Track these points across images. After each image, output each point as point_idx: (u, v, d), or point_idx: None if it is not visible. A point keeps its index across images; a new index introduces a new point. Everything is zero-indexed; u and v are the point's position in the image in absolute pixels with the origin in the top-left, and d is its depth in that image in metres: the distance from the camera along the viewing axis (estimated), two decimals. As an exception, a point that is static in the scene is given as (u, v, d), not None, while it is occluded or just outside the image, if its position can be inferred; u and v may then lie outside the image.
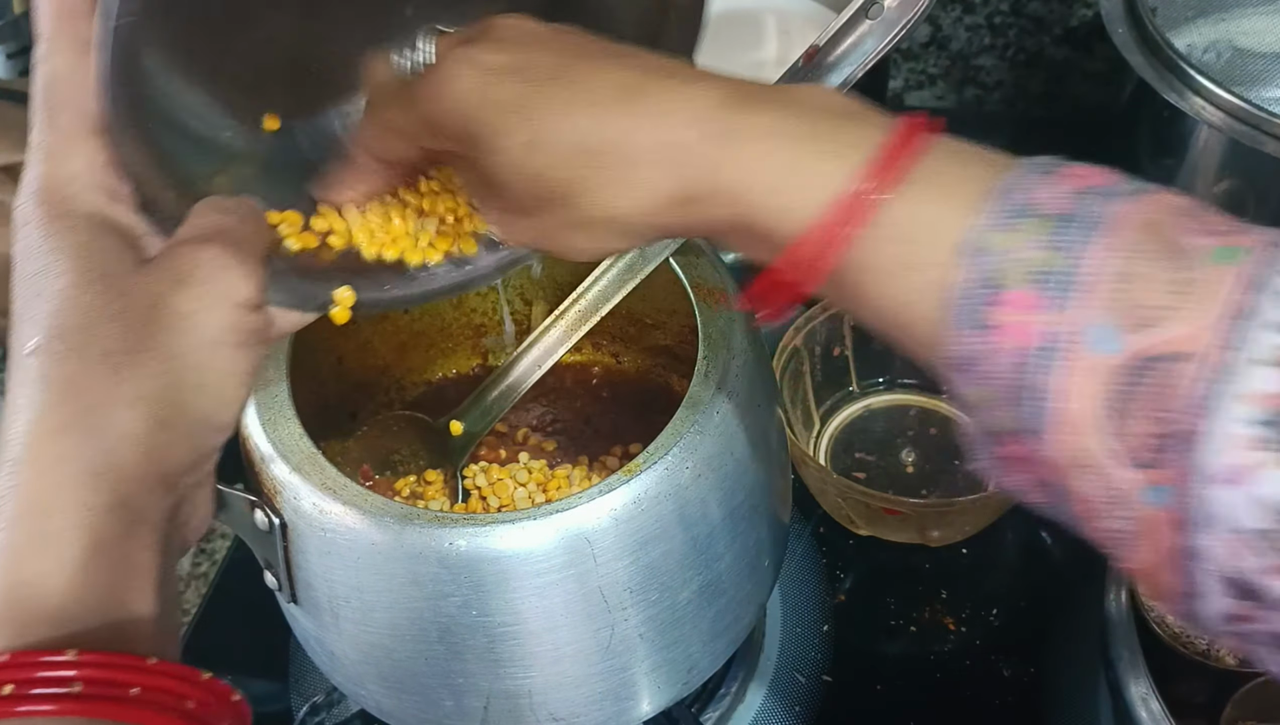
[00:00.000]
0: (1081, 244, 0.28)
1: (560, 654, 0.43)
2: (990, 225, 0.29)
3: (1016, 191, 0.30)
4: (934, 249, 0.30)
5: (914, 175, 0.31)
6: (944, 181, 0.31)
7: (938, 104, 0.96)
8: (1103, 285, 0.28)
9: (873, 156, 0.31)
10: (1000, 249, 0.29)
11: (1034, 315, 0.29)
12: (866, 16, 0.41)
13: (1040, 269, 0.29)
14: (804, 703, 0.60)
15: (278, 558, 0.44)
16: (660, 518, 0.42)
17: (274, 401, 0.45)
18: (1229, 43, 0.75)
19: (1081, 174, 0.31)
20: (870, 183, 0.30)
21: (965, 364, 0.30)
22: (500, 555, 0.40)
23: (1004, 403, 0.30)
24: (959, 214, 0.30)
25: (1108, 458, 0.28)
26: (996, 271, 0.29)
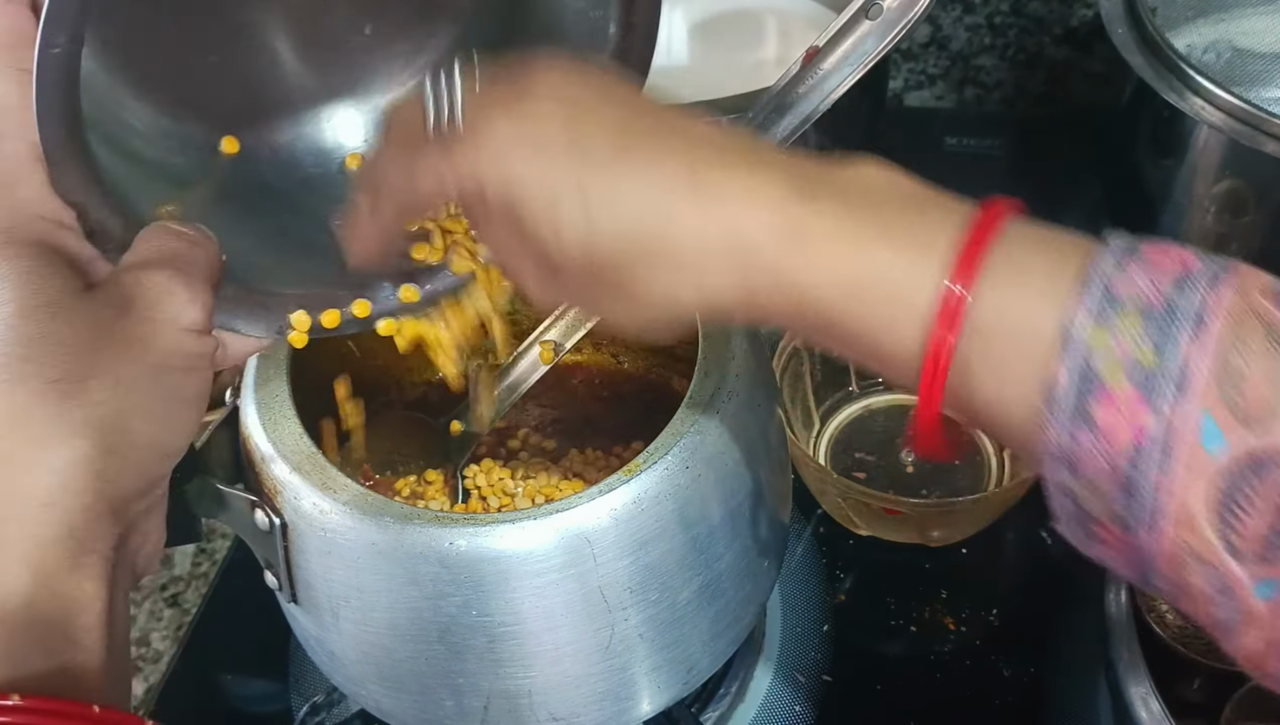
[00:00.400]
0: (1182, 339, 0.28)
1: (560, 654, 0.43)
2: (1086, 319, 0.29)
3: (1110, 282, 0.29)
4: (1029, 344, 0.30)
5: (996, 266, 0.30)
6: (1030, 272, 0.30)
7: (937, 104, 0.96)
8: (1206, 382, 0.28)
9: (954, 251, 0.30)
10: (1098, 345, 0.29)
11: (1137, 414, 0.28)
12: (866, 17, 0.41)
13: (1141, 366, 0.28)
14: (804, 703, 0.60)
15: (278, 558, 0.44)
16: (660, 518, 0.42)
17: (274, 401, 0.45)
18: (1229, 43, 0.75)
19: (1169, 256, 0.30)
20: (957, 281, 0.30)
21: (1065, 459, 0.30)
22: (500, 555, 0.40)
23: (1104, 496, 0.29)
24: (1052, 307, 0.29)
25: (1217, 553, 0.28)
26: (1096, 368, 0.29)
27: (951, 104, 0.96)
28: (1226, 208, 0.63)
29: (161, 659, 0.67)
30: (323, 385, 0.54)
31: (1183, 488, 0.28)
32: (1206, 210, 0.64)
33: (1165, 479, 0.28)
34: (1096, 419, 0.29)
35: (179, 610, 0.69)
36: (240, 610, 0.67)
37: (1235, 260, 0.30)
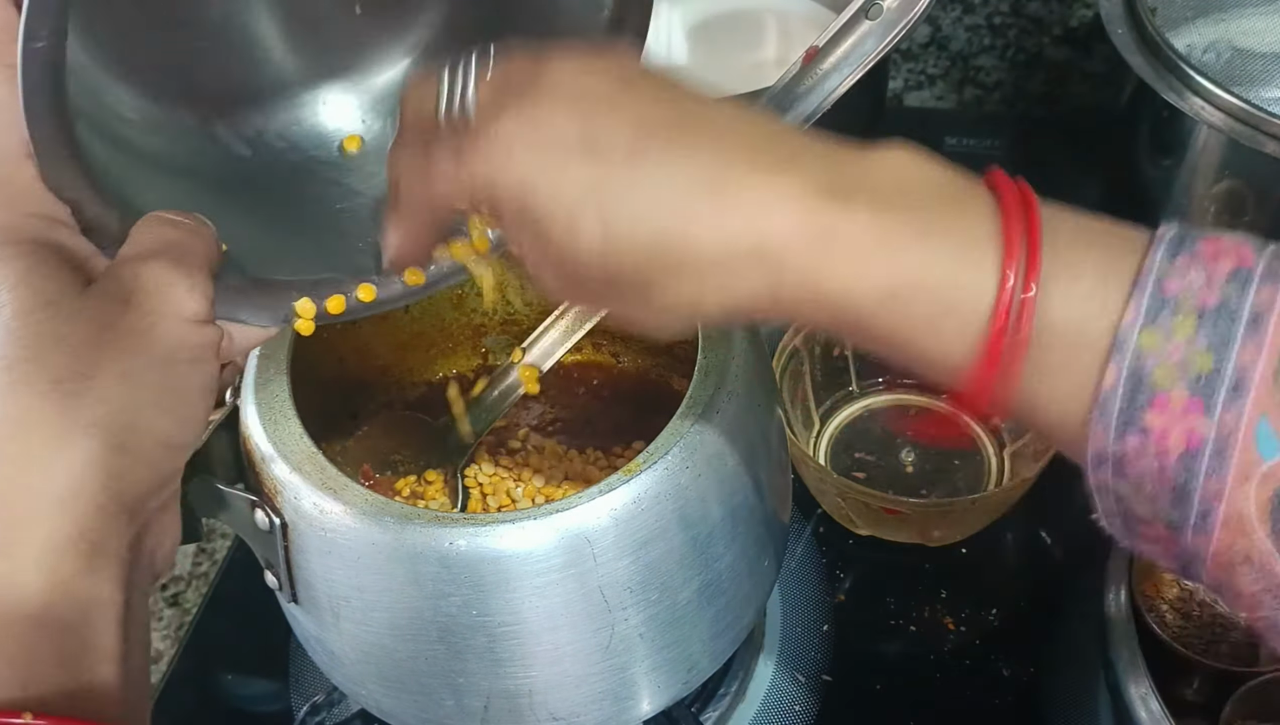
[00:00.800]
0: (1236, 342, 0.27)
1: (560, 654, 0.43)
2: (1138, 322, 0.28)
3: (1163, 280, 0.28)
4: (1080, 345, 0.29)
5: (1045, 264, 0.29)
6: (1081, 269, 0.29)
7: (937, 104, 0.96)
8: (1264, 385, 0.27)
9: (1003, 251, 0.29)
10: (1152, 350, 0.28)
11: (1190, 418, 0.28)
12: (866, 17, 0.41)
13: (1195, 371, 0.28)
14: (804, 703, 0.60)
15: (278, 558, 0.44)
16: (660, 518, 0.42)
17: (274, 401, 0.45)
18: (1228, 43, 0.76)
19: (1223, 249, 0.29)
20: (1015, 283, 0.29)
21: (1116, 463, 0.29)
22: (500, 555, 0.40)
23: (1156, 498, 0.29)
24: (1104, 307, 0.29)
25: (1271, 557, 0.28)
26: (1149, 373, 0.28)
27: (951, 104, 0.96)
28: (1226, 208, 0.63)
29: (161, 659, 0.67)
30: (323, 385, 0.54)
31: (1236, 493, 0.27)
32: (1206, 210, 0.64)
33: (1218, 484, 0.28)
34: (1148, 423, 0.28)
35: (179, 610, 0.69)
36: (240, 610, 0.67)
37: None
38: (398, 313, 0.57)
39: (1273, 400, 0.27)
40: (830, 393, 0.72)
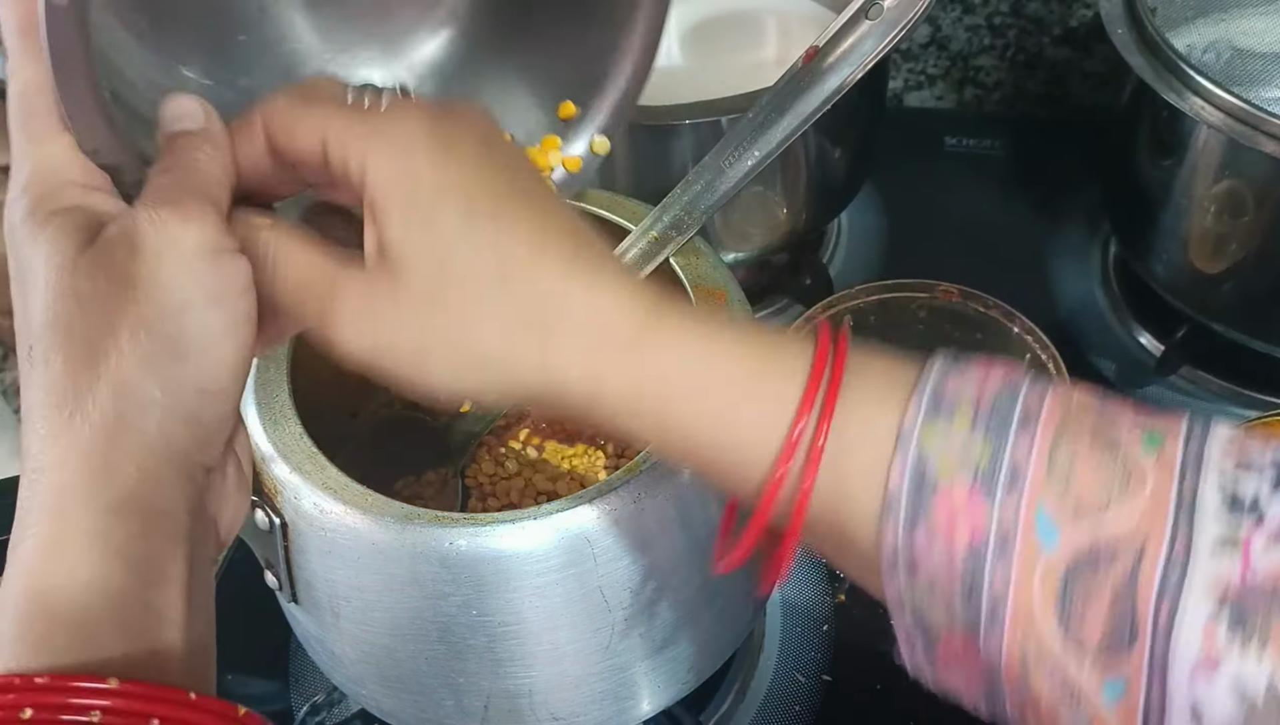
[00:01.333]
0: (1010, 435, 0.29)
1: (560, 653, 0.43)
2: (918, 419, 0.30)
3: (945, 386, 0.30)
4: (868, 455, 0.30)
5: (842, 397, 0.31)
6: (867, 389, 0.31)
7: (937, 104, 0.96)
8: (1039, 477, 0.28)
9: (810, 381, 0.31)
10: (932, 443, 0.29)
11: (973, 510, 0.28)
12: (866, 17, 0.41)
13: (974, 461, 0.29)
14: (804, 703, 0.60)
15: (278, 558, 0.44)
16: (660, 518, 0.42)
17: (274, 401, 0.45)
18: (1228, 43, 0.75)
19: (996, 368, 0.31)
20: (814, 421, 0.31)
21: (907, 564, 0.30)
22: (500, 555, 0.40)
23: (949, 599, 0.29)
24: (887, 414, 0.30)
25: (1062, 651, 0.28)
26: (930, 467, 0.29)
27: (951, 104, 0.96)
28: (1226, 208, 0.63)
29: (161, 659, 0.67)
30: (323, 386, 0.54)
31: (1022, 583, 0.28)
32: (1206, 210, 0.64)
33: (1003, 574, 0.28)
34: (934, 517, 0.29)
35: (179, 610, 0.69)
36: (240, 610, 0.66)
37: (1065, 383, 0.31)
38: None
39: (1049, 490, 0.28)
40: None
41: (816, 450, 0.30)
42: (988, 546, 0.28)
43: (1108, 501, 0.27)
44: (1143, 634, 0.27)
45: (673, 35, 0.79)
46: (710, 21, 0.79)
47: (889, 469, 0.29)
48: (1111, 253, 0.81)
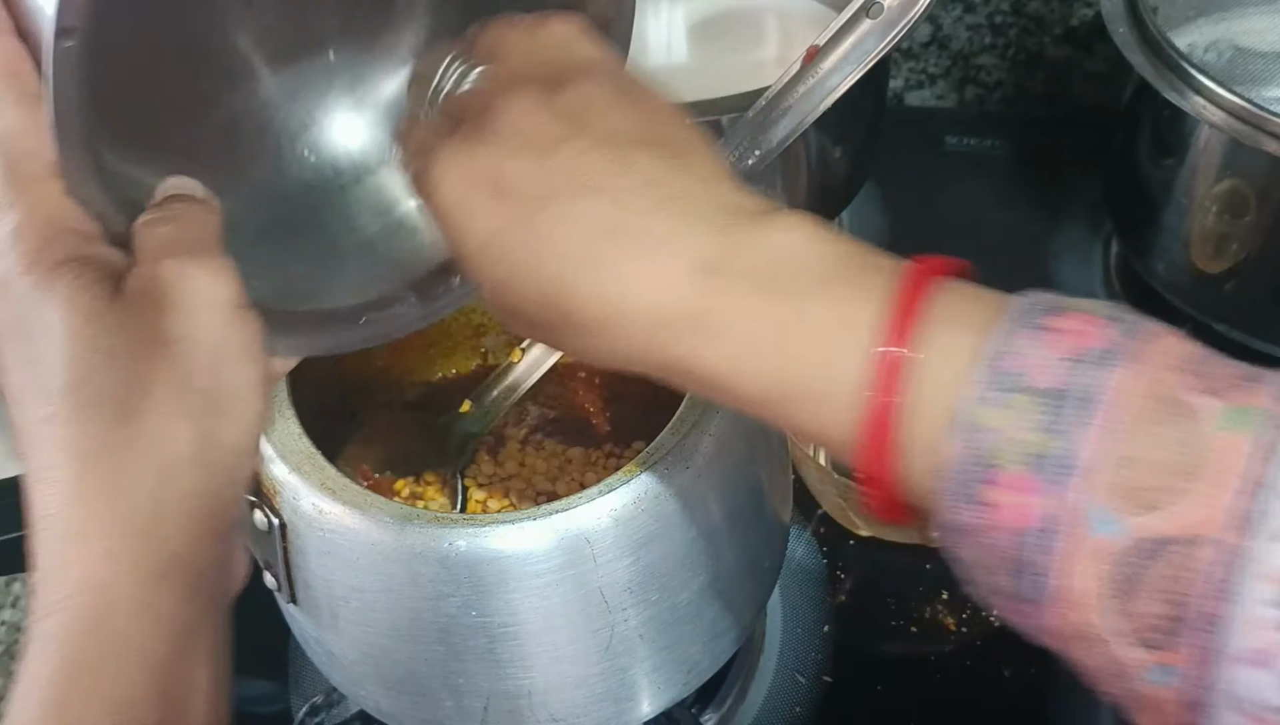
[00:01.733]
0: (1077, 425, 0.27)
1: (560, 654, 0.43)
2: (981, 399, 0.28)
3: (1006, 358, 0.28)
4: (930, 420, 0.29)
5: (917, 344, 0.29)
6: (939, 350, 0.29)
7: (938, 104, 0.96)
8: (1103, 468, 0.27)
9: (876, 339, 0.29)
10: (992, 427, 0.28)
11: (1031, 497, 0.28)
12: (867, 16, 0.41)
13: (1035, 452, 0.28)
14: (804, 703, 0.60)
15: (276, 558, 0.44)
16: (660, 518, 0.42)
17: (274, 401, 0.45)
18: (1230, 42, 0.75)
19: (1075, 328, 0.29)
20: (882, 372, 0.29)
21: (961, 534, 0.29)
22: (500, 556, 0.40)
23: (996, 574, 0.29)
24: (950, 385, 0.29)
25: (1112, 635, 0.27)
26: (990, 450, 0.28)
27: (952, 104, 0.96)
28: (1228, 207, 0.63)
29: (161, 659, 0.67)
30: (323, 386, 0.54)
31: (1072, 571, 0.27)
32: (1207, 210, 0.64)
33: (1054, 562, 0.28)
34: (985, 499, 0.28)
35: (179, 610, 0.69)
36: (240, 610, 0.66)
37: (1144, 321, 0.29)
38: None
39: (1104, 481, 0.27)
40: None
41: (893, 402, 0.29)
42: (1039, 533, 0.28)
43: (1168, 487, 0.27)
44: (1195, 624, 0.26)
45: (673, 34, 0.79)
46: (710, 20, 0.79)
47: (944, 438, 0.28)
48: (1113, 252, 0.81)
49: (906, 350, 0.29)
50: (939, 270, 0.31)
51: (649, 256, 0.31)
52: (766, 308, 0.31)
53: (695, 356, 0.31)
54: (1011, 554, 0.28)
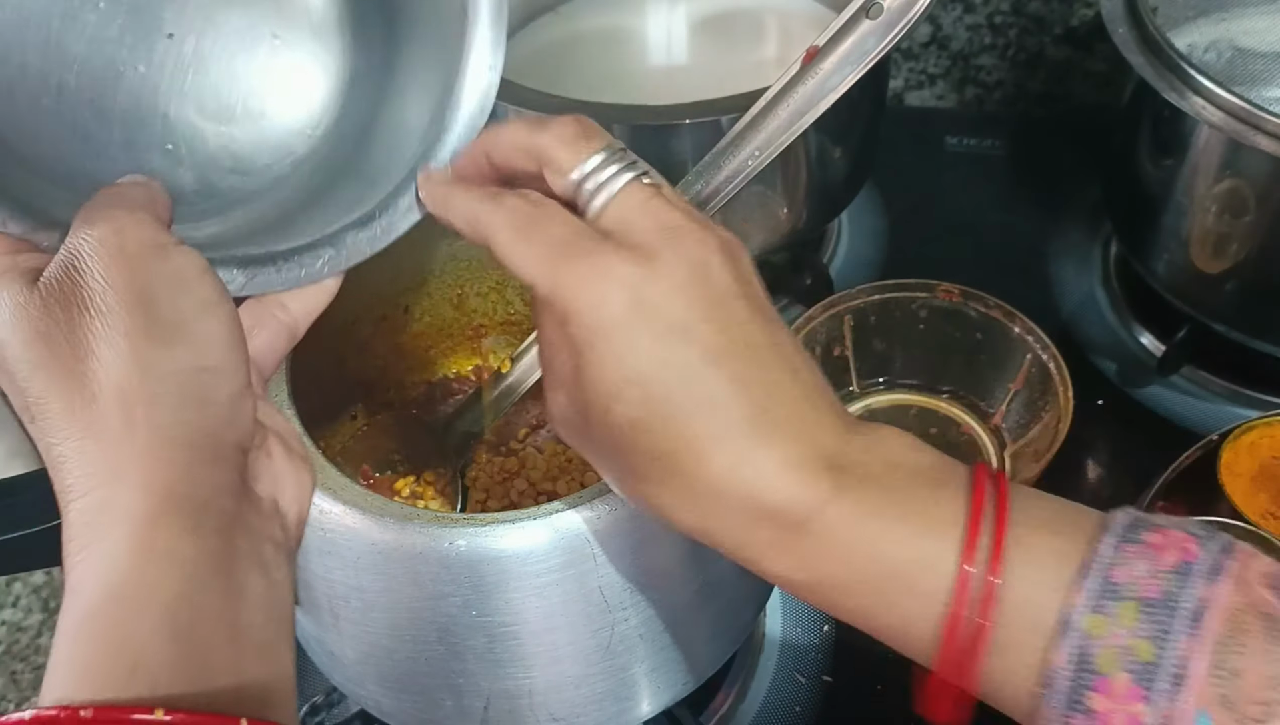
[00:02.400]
0: (1179, 634, 0.28)
1: (560, 654, 0.43)
2: (1085, 607, 0.29)
3: (1116, 569, 0.30)
4: (1033, 628, 0.30)
5: (1008, 548, 0.31)
6: (1037, 553, 0.31)
7: (938, 104, 0.96)
8: (1203, 679, 0.28)
9: (967, 537, 0.31)
10: (1097, 634, 0.29)
11: (1133, 705, 0.28)
12: (866, 16, 0.41)
13: (1145, 661, 0.28)
14: (804, 703, 0.60)
15: None
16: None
17: (274, 401, 0.45)
18: (1230, 42, 0.75)
19: (1170, 542, 0.30)
20: (976, 571, 0.31)
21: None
22: (500, 555, 0.40)
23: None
24: (1054, 592, 0.30)
25: None
26: (1094, 657, 0.29)
27: (952, 104, 0.96)
28: (1227, 208, 0.63)
29: (161, 659, 0.67)
30: (323, 385, 0.54)
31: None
32: (1207, 210, 0.64)
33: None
34: (1092, 707, 0.29)
35: (179, 610, 0.69)
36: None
37: (1236, 541, 0.30)
38: (397, 312, 0.57)
39: (1211, 693, 0.28)
40: (831, 393, 0.72)
41: (989, 591, 0.30)
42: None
43: (1273, 708, 0.27)
44: None
45: (673, 34, 0.79)
46: (710, 20, 0.79)
47: (1052, 646, 0.30)
48: (1112, 252, 0.81)
49: (1002, 554, 0.30)
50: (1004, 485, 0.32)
51: (782, 452, 0.32)
52: (875, 501, 0.32)
53: (796, 548, 0.32)
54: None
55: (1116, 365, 0.75)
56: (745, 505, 0.32)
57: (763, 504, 0.32)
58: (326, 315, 0.52)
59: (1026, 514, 0.32)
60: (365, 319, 0.55)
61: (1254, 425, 0.60)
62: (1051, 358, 0.65)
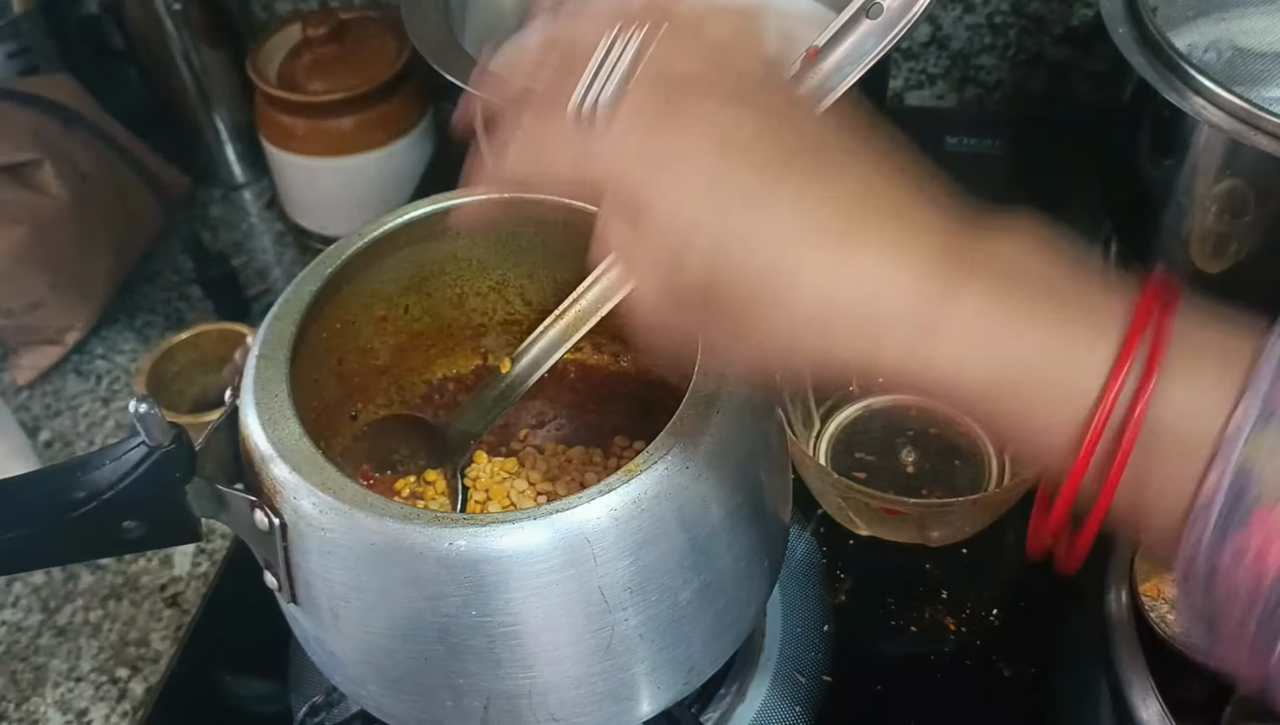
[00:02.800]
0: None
1: (560, 654, 0.43)
2: (1246, 428, 0.27)
3: (1271, 392, 0.27)
4: (1184, 452, 0.28)
5: (1167, 362, 0.28)
6: (1195, 376, 0.28)
7: (938, 104, 0.96)
8: None
9: (1120, 350, 0.28)
10: (1257, 457, 0.27)
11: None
12: (866, 16, 0.41)
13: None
14: (804, 703, 0.60)
15: (278, 558, 0.44)
16: (660, 518, 0.42)
17: (274, 401, 0.45)
18: (1230, 42, 0.75)
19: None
20: (1125, 386, 0.28)
21: (1207, 571, 0.28)
22: (500, 555, 0.40)
23: (1244, 614, 0.28)
24: (1213, 413, 0.28)
25: None
26: (1251, 482, 0.27)
27: (952, 104, 0.96)
28: (1227, 208, 0.63)
29: (161, 659, 0.67)
30: (323, 385, 0.54)
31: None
32: (1207, 210, 0.64)
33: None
34: (1247, 535, 0.27)
35: (178, 610, 0.69)
36: (240, 610, 0.67)
37: None
38: (397, 312, 0.57)
39: None
40: (830, 392, 0.72)
41: (1135, 420, 0.28)
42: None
43: None
44: None
45: (673, 35, 0.79)
46: (710, 21, 0.79)
47: (1206, 470, 0.27)
48: (1112, 252, 0.81)
49: (1156, 368, 0.28)
50: (1175, 292, 0.30)
51: (887, 253, 0.30)
52: (1002, 305, 0.30)
53: (918, 355, 0.30)
54: (1266, 599, 0.27)
55: (1116, 365, 0.75)
56: (856, 322, 0.30)
57: (873, 317, 0.30)
58: (327, 315, 0.52)
59: (1188, 325, 0.29)
60: (365, 319, 0.56)
61: (1254, 425, 0.60)
62: (1051, 358, 0.65)
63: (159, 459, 0.42)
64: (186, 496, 0.44)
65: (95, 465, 0.43)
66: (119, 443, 0.43)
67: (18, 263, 0.80)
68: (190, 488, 0.43)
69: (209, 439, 0.45)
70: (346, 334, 0.54)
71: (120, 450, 0.43)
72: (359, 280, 0.53)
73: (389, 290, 0.56)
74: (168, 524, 0.44)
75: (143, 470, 0.42)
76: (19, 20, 0.88)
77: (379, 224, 0.52)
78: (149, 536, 0.44)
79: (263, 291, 0.91)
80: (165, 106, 0.98)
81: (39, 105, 0.82)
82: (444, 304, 0.59)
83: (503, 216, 0.52)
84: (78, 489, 0.42)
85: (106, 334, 0.89)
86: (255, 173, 1.01)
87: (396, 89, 0.89)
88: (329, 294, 0.50)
